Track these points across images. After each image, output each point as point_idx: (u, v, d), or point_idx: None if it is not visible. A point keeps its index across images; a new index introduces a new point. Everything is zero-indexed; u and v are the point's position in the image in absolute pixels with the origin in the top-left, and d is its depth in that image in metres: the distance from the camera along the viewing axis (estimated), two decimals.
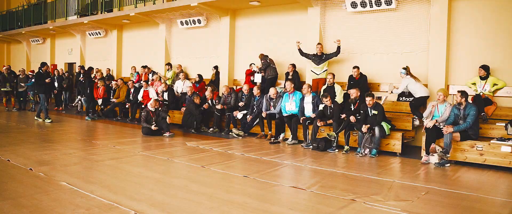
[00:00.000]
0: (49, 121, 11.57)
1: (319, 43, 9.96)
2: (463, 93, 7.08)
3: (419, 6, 8.97)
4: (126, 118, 12.96)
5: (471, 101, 7.84)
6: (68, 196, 4.58)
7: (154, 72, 14.35)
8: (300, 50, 10.08)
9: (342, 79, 10.03)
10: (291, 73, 10.71)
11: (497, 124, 7.45)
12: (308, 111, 8.92)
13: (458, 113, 7.08)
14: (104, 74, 15.74)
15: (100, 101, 13.49)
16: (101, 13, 15.28)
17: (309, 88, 9.01)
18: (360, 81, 9.33)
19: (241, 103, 10.34)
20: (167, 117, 9.79)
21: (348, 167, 6.72)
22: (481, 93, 8.02)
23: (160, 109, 10.34)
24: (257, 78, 11.02)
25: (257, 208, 4.33)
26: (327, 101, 8.43)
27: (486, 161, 6.81)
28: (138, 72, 15.26)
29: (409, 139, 8.43)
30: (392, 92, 8.93)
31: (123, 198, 4.54)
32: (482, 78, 8.10)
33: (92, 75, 15.19)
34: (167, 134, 9.59)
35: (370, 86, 9.62)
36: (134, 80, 14.54)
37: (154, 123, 9.69)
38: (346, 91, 9.29)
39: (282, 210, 4.33)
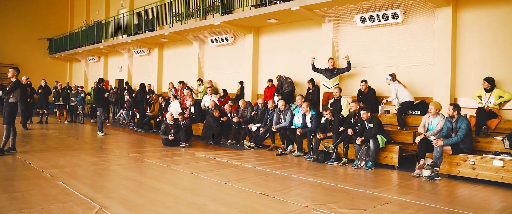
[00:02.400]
0: (103, 134, 12.25)
1: (331, 58, 10.19)
2: (455, 106, 6.98)
3: (425, 20, 8.92)
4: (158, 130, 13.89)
5: (475, 115, 7.71)
6: (56, 192, 5.31)
7: (188, 88, 15.25)
8: (313, 65, 10.36)
9: (353, 93, 10.14)
10: (312, 89, 11.01)
11: (494, 137, 7.21)
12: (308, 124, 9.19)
13: (451, 126, 6.98)
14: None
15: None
16: (143, 32, 16.57)
17: (308, 108, 9.22)
18: (368, 95, 9.42)
19: (253, 112, 10.82)
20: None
21: (333, 178, 6.87)
22: (485, 106, 7.80)
23: (180, 121, 11.08)
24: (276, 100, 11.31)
25: (187, 200, 4.76)
26: (327, 114, 8.63)
27: (478, 175, 6.63)
28: (175, 88, 16.28)
29: (411, 152, 8.34)
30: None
31: (96, 193, 5.18)
32: (486, 90, 7.88)
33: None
34: (183, 145, 10.26)
35: (380, 100, 9.65)
36: (171, 95, 15.57)
37: (172, 133, 10.41)
38: None
39: (205, 201, 4.70)
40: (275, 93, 11.65)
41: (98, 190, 5.56)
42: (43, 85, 16.23)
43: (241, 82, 13.57)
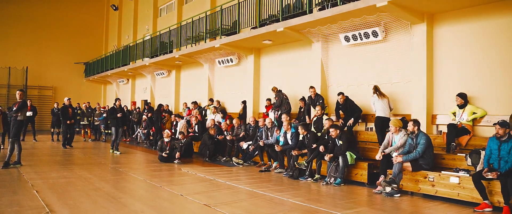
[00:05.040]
0: (118, 152, 12.74)
1: (311, 87, 10.25)
2: (415, 122, 7.00)
3: (403, 37, 8.97)
4: None
5: (446, 131, 7.66)
6: (23, 199, 5.98)
7: (199, 107, 15.90)
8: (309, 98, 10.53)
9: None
10: (303, 108, 11.20)
11: (458, 154, 7.09)
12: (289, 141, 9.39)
13: (412, 142, 6.98)
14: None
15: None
16: (158, 55, 17.55)
17: (289, 125, 9.44)
18: (346, 104, 9.42)
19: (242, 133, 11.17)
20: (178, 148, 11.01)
21: (291, 193, 6.96)
22: (458, 123, 7.69)
23: (181, 139, 11.70)
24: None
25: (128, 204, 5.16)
26: (302, 131, 8.82)
27: (437, 192, 6.57)
28: (189, 107, 16.98)
29: None
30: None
31: (57, 200, 5.75)
32: (460, 107, 7.77)
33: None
34: (176, 161, 10.78)
35: (366, 117, 9.70)
36: (185, 114, 16.29)
37: (167, 150, 10.96)
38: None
39: (127, 200, 5.10)
40: (273, 110, 11.84)
41: (60, 198, 6.12)
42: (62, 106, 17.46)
43: (244, 102, 13.98)
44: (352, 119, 9.22)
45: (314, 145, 8.52)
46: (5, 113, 13.91)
